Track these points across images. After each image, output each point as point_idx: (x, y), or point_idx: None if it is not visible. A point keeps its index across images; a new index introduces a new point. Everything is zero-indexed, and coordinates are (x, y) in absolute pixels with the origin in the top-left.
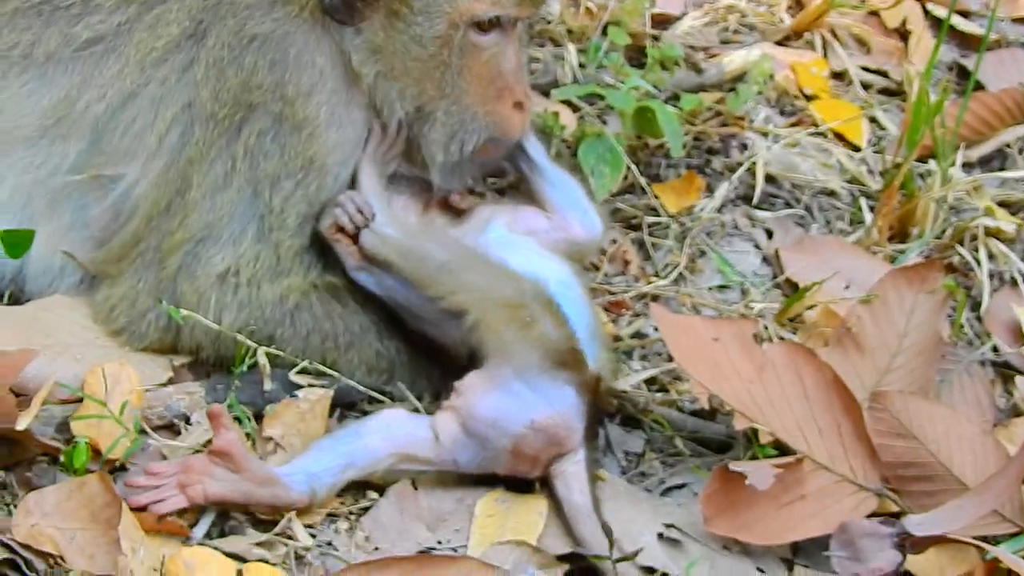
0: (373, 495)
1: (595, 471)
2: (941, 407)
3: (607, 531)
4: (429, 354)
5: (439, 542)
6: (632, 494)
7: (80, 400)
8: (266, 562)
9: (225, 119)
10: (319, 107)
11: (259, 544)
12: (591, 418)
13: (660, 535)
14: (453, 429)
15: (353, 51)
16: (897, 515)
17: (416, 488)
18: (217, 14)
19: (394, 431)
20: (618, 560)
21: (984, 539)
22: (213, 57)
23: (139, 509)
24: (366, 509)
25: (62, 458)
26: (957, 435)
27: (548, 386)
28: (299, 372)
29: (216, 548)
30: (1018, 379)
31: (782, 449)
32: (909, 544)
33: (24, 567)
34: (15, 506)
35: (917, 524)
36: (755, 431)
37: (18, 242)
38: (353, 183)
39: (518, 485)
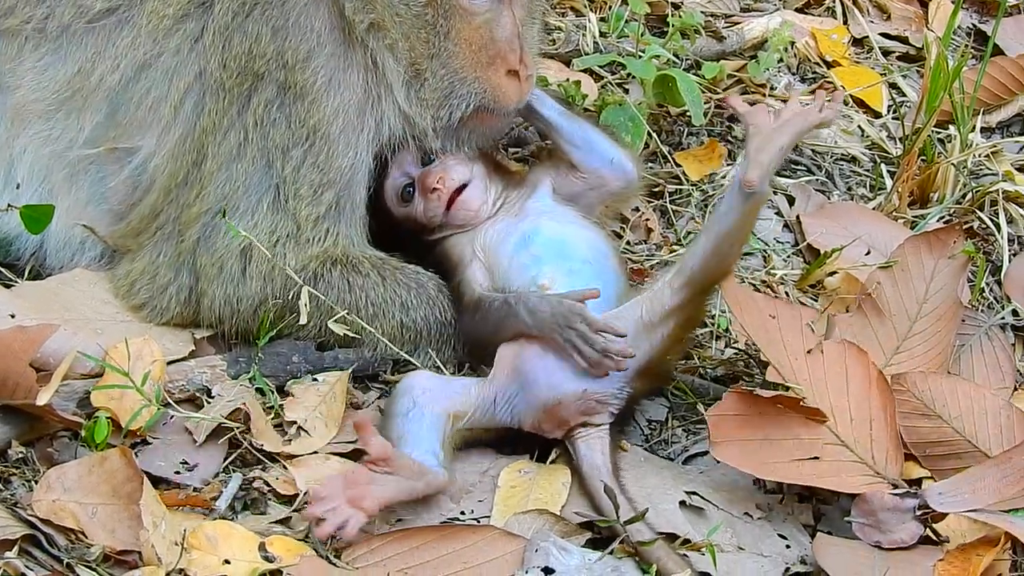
0: None
1: (619, 442)
2: (963, 383)
3: (610, 494)
4: (455, 324)
5: (463, 513)
6: (654, 462)
7: (100, 375)
8: (287, 535)
9: (234, 88)
10: (317, 72)
11: (279, 521)
12: (630, 397)
13: (682, 502)
14: (510, 363)
15: (347, 1)
16: (919, 482)
17: None
18: None
19: (440, 392)
20: (627, 522)
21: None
22: (220, 25)
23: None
24: None
25: (83, 433)
26: (981, 409)
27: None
28: (337, 321)
29: (238, 522)
30: None
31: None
32: (931, 517)
33: (45, 542)
34: (36, 482)
35: (938, 497)
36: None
37: (39, 217)
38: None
39: (543, 456)
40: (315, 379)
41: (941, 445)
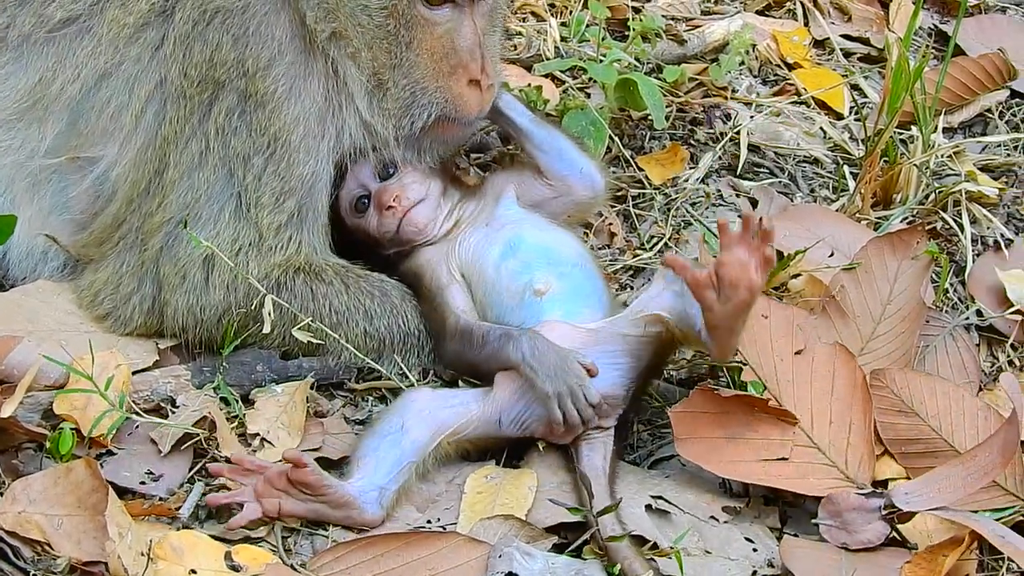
0: None
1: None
2: (942, 381)
3: (585, 483)
4: (419, 332)
5: (429, 522)
6: (620, 466)
7: (65, 387)
8: (251, 541)
9: (195, 97)
10: (277, 80)
11: (243, 527)
12: (633, 400)
13: (648, 507)
14: (513, 385)
15: (308, 10)
16: (885, 484)
17: None
18: None
19: (435, 415)
20: (599, 513)
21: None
22: (180, 33)
23: (223, 508)
24: None
25: (48, 444)
26: (959, 409)
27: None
28: (301, 329)
29: (203, 531)
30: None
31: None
32: (897, 516)
33: (11, 555)
34: (1, 494)
35: (904, 497)
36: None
37: (1, 228)
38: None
39: (509, 461)
40: (275, 389)
41: (918, 443)
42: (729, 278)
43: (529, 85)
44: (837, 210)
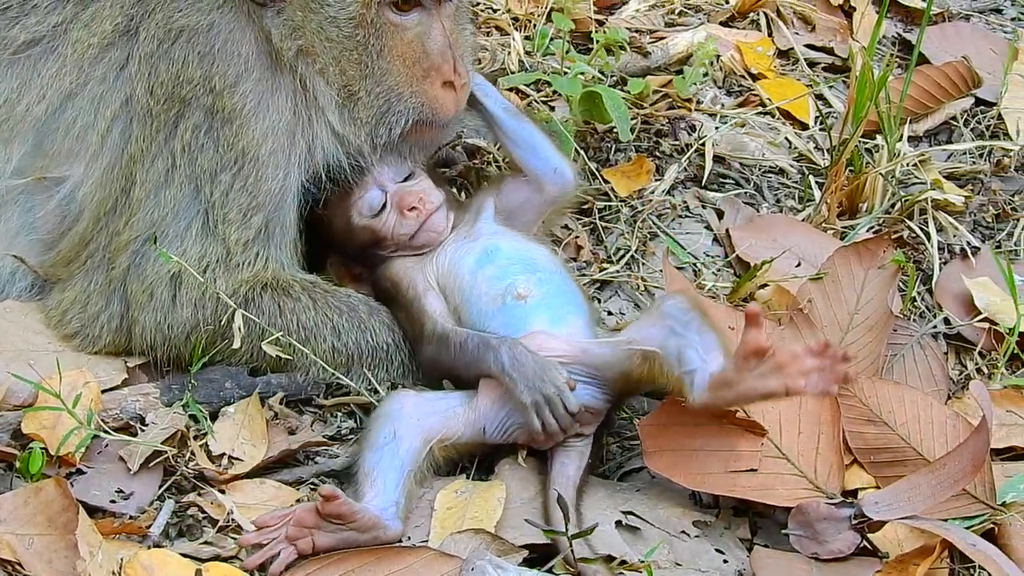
0: None
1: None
2: (910, 390)
3: (562, 505)
4: (387, 347)
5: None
6: (590, 481)
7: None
8: (222, 560)
9: (161, 115)
10: (245, 97)
11: (213, 544)
12: (611, 408)
13: (619, 522)
14: (495, 394)
15: (274, 28)
16: (854, 493)
17: None
18: (146, 8)
19: (424, 422)
20: (574, 536)
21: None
22: (145, 52)
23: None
24: None
25: (18, 464)
26: (928, 418)
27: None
28: (271, 343)
29: (174, 548)
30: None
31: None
32: (867, 526)
33: None
34: None
35: (874, 506)
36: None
37: None
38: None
39: (479, 474)
40: (227, 410)
41: (886, 452)
42: (780, 362)
43: None
44: (803, 220)
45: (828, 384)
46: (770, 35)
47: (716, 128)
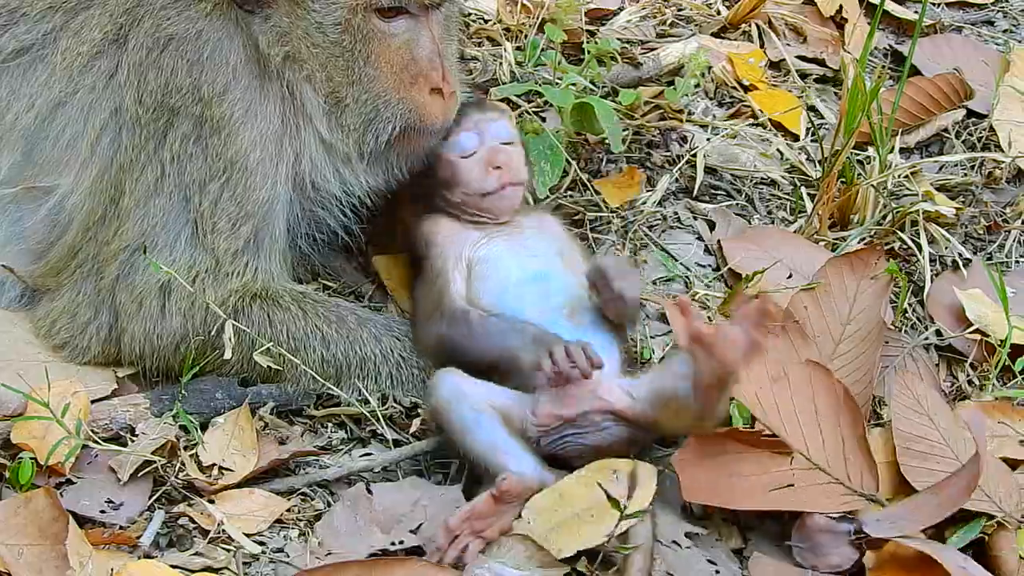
0: (321, 505)
1: None
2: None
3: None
4: (375, 357)
5: (392, 544)
6: None
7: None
8: (212, 571)
9: (150, 124)
10: (233, 106)
11: (203, 555)
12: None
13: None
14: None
15: (261, 35)
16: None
17: (371, 492)
18: (136, 16)
19: (492, 396)
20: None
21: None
22: (134, 61)
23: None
24: (319, 515)
25: (7, 474)
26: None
27: None
28: (262, 353)
29: (164, 559)
30: None
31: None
32: (866, 542)
33: None
34: None
35: (875, 523)
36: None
37: None
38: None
39: (470, 484)
40: (217, 421)
41: (924, 441)
42: (717, 347)
43: None
44: (795, 232)
45: (753, 336)
46: (762, 46)
47: (707, 139)
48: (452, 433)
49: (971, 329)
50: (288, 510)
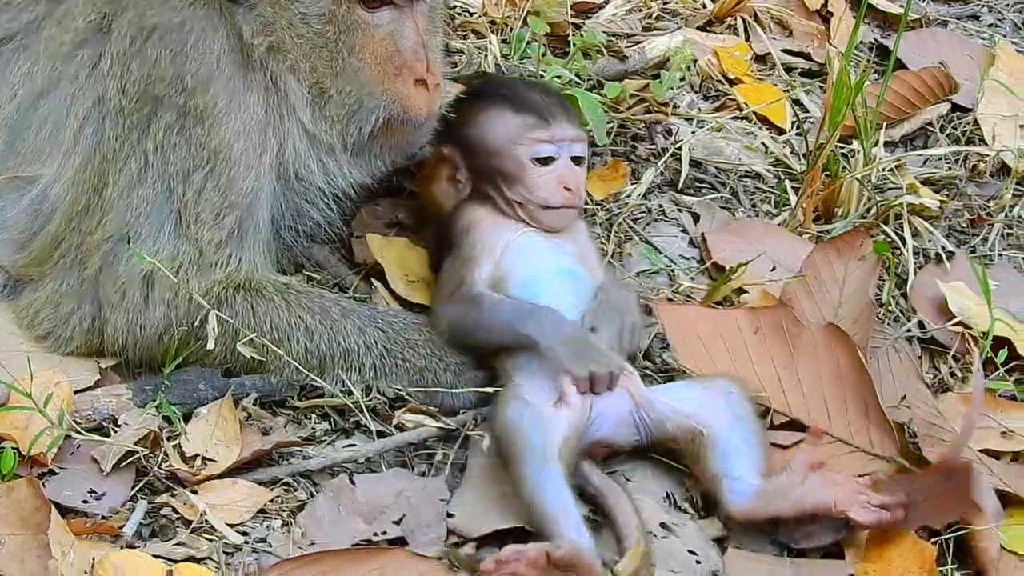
0: (303, 495)
1: None
2: None
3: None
4: (359, 348)
5: (375, 534)
6: None
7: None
8: (195, 560)
9: (134, 114)
10: (216, 96)
11: (186, 544)
12: None
13: (587, 518)
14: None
15: (245, 25)
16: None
17: (354, 483)
18: (119, 5)
19: (551, 436)
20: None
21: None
22: (118, 50)
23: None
24: (302, 506)
25: None
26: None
27: None
28: (246, 344)
29: (146, 549)
30: None
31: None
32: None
33: None
34: None
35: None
36: None
37: None
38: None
39: (453, 472)
40: (200, 411)
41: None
42: (834, 478)
43: None
44: (779, 224)
45: (875, 519)
46: (747, 40)
47: (692, 132)
48: (513, 470)
49: (954, 322)
50: (271, 501)
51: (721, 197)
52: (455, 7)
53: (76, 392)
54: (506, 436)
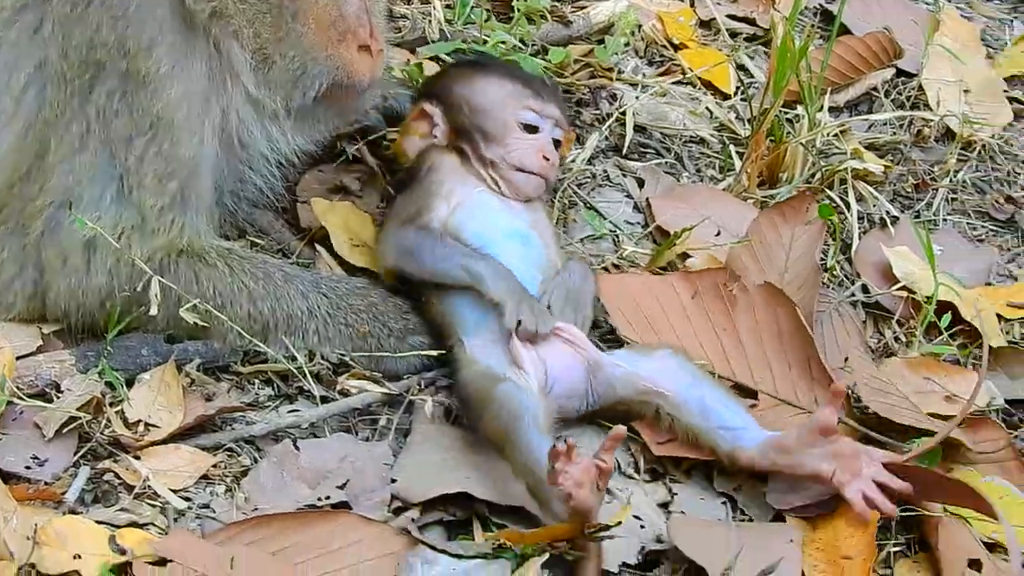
0: (247, 461)
1: None
2: None
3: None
4: (302, 314)
5: (319, 499)
6: None
7: None
8: (138, 526)
9: (76, 79)
10: (159, 61)
11: (129, 510)
12: None
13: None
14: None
15: None
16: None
17: (297, 448)
18: None
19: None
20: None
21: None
22: (59, 15)
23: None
24: (245, 471)
25: None
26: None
27: None
28: (189, 309)
29: (89, 515)
30: None
31: None
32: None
33: None
34: None
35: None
36: None
37: None
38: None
39: (397, 437)
40: (143, 377)
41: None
42: (840, 451)
43: (408, 62)
44: (724, 190)
45: (876, 504)
46: (692, 5)
47: (637, 98)
48: (493, 433)
49: (898, 286)
50: (214, 466)
51: (666, 162)
52: None
53: (18, 358)
54: (478, 401)
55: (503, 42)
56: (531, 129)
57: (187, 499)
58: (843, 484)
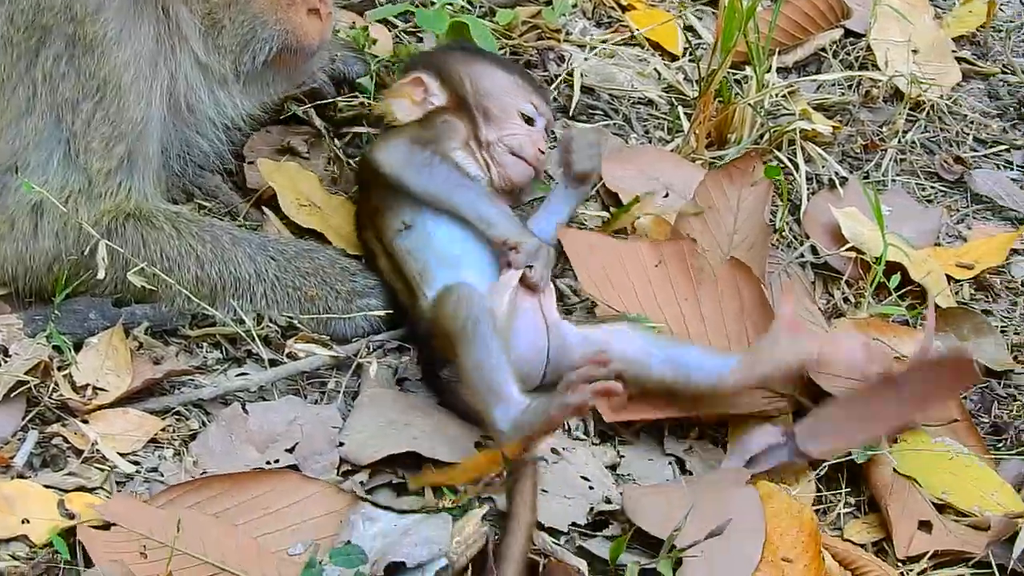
0: (196, 424)
1: None
2: None
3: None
4: (250, 277)
5: (268, 463)
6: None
7: None
8: (86, 490)
9: (22, 43)
10: (107, 24)
11: (77, 475)
12: None
13: (478, 444)
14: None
15: None
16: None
17: (246, 412)
18: None
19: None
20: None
21: None
22: None
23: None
24: (194, 435)
25: None
26: None
27: None
28: (136, 273)
29: (37, 479)
30: None
31: None
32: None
33: None
34: None
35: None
36: None
37: None
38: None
39: (346, 399)
40: (91, 340)
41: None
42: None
43: (354, 25)
44: (672, 151)
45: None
46: None
47: (585, 59)
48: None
49: (847, 247)
50: (163, 430)
51: (614, 124)
52: None
53: None
54: (438, 304)
55: (450, 4)
56: (529, 121)
57: (135, 463)
58: (833, 353)
